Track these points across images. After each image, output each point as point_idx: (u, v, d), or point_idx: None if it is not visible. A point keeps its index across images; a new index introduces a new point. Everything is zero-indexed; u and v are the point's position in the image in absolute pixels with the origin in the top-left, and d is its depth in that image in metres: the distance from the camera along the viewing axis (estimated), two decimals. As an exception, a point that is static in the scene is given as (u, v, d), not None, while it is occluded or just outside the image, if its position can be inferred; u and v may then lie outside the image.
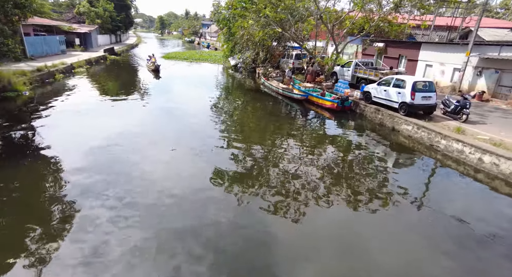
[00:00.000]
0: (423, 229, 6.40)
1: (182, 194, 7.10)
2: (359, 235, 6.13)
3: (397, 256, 5.59)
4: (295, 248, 5.67)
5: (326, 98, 15.92)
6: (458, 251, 5.74)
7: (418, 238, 6.09)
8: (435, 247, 5.79)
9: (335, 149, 10.78)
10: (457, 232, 6.32)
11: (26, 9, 14.59)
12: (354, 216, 6.73)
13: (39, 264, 4.81)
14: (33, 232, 5.51)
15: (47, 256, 4.98)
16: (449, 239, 6.04)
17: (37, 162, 8.41)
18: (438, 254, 5.58)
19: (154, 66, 24.91)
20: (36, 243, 5.24)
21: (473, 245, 5.91)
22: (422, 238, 6.07)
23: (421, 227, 6.50)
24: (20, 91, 14.78)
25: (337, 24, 19.23)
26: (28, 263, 4.81)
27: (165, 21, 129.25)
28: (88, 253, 5.06)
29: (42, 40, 25.49)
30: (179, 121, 12.96)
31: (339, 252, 5.64)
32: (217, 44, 48.39)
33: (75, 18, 42.64)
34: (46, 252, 5.06)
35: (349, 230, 6.28)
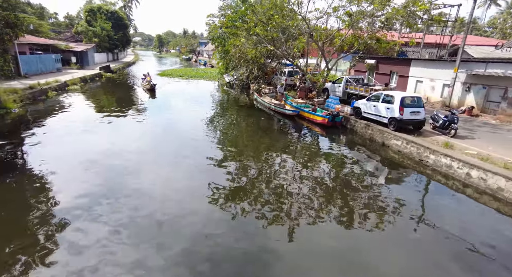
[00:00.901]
0: (417, 245, 6.27)
1: (176, 211, 7.00)
2: (355, 250, 6.04)
3: (395, 273, 5.39)
4: (291, 264, 5.57)
5: (317, 113, 15.99)
6: (454, 267, 5.55)
7: (413, 253, 5.96)
8: (432, 262, 5.61)
9: (327, 164, 10.68)
10: (450, 247, 6.18)
11: (17, 28, 14.84)
12: (348, 232, 6.64)
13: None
14: (19, 253, 5.28)
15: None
16: (444, 254, 5.91)
17: (25, 181, 8.24)
18: (436, 270, 5.39)
19: (150, 85, 23.75)
20: (21, 265, 5.01)
21: (470, 260, 5.76)
22: (417, 254, 5.96)
23: (415, 242, 6.36)
24: (9, 109, 14.74)
25: (328, 41, 19.63)
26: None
27: (164, 39, 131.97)
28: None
29: (37, 58, 25.76)
30: (174, 138, 12.91)
31: (336, 269, 5.52)
32: (213, 62, 49.18)
33: (73, 37, 43.43)
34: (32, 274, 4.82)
35: (344, 247, 6.19)
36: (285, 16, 18.65)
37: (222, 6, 27.43)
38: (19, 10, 16.57)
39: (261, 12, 18.57)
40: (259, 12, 18.59)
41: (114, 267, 5.12)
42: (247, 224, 6.71)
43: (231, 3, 25.89)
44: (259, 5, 19.45)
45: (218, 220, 6.80)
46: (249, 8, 19.47)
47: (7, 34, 13.64)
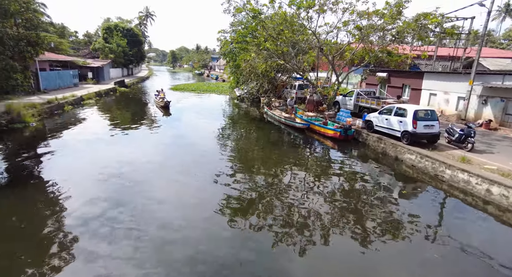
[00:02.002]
0: (436, 264, 5.89)
1: (186, 225, 6.94)
2: (370, 269, 5.75)
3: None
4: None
5: (329, 127, 15.82)
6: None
7: (431, 274, 5.59)
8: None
9: (339, 178, 10.42)
10: (471, 267, 5.81)
11: (38, 47, 15.56)
12: (363, 250, 6.32)
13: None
14: (30, 264, 5.27)
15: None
16: (464, 274, 5.54)
17: (41, 191, 8.40)
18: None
19: (164, 102, 22.35)
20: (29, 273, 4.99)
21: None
22: (436, 274, 5.57)
23: (433, 261, 5.98)
24: (27, 123, 15.24)
25: (338, 55, 19.68)
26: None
27: (177, 55, 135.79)
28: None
29: (56, 74, 26.83)
30: (185, 150, 12.97)
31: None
32: (225, 76, 50.02)
33: (91, 53, 45.20)
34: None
35: (359, 265, 5.91)
36: (295, 31, 18.90)
37: (233, 22, 28.04)
38: (41, 29, 17.38)
39: (271, 27, 18.88)
40: (269, 28, 18.91)
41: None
42: (256, 240, 6.53)
43: (242, 19, 26.45)
44: (269, 21, 19.80)
45: (228, 234, 6.64)
46: (259, 24, 19.84)
47: (28, 52, 14.31)
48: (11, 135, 13.60)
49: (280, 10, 19.23)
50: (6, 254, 5.68)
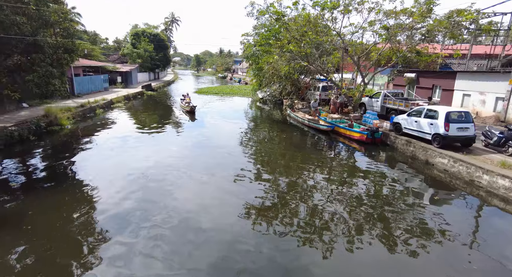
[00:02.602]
0: (470, 275, 5.54)
1: (211, 226, 7.01)
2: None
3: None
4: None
5: (355, 129, 15.44)
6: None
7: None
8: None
9: (366, 182, 10.09)
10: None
11: (74, 53, 16.52)
12: (390, 258, 6.11)
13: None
14: (63, 260, 5.58)
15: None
16: None
17: (73, 190, 8.86)
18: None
19: (190, 107, 22.03)
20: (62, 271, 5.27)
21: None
22: None
23: (471, 273, 5.63)
24: (63, 125, 16.16)
25: (363, 56, 19.19)
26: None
27: (201, 59, 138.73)
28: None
29: (88, 79, 28.31)
30: (209, 152, 13.15)
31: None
32: (247, 79, 50.40)
33: (120, 58, 47.29)
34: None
35: (386, 271, 5.69)
36: (319, 32, 18.67)
37: (256, 25, 28.22)
38: (76, 37, 18.46)
39: (295, 29, 18.78)
40: (292, 30, 18.82)
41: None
42: (279, 243, 6.45)
43: (265, 22, 26.54)
44: (293, 23, 19.70)
45: (250, 237, 6.62)
46: (282, 26, 19.79)
47: (65, 59, 15.26)
48: (49, 137, 14.48)
49: (304, 11, 19.10)
50: (43, 248, 6.02)
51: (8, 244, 6.09)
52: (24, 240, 6.27)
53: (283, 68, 20.64)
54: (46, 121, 15.33)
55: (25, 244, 6.12)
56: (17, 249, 5.93)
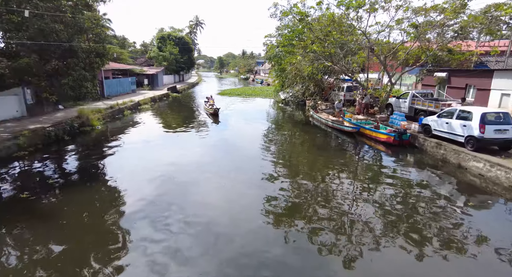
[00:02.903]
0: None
1: (232, 228, 7.06)
2: None
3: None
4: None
5: (381, 131, 14.97)
6: None
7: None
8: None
9: (393, 186, 9.74)
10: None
11: (105, 57, 17.36)
12: (417, 263, 5.85)
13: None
14: (93, 254, 5.88)
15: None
16: None
17: (103, 188, 9.29)
18: None
19: (213, 109, 21.79)
20: (88, 265, 5.54)
21: None
22: None
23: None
24: (94, 126, 16.99)
25: (390, 55, 18.58)
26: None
27: (224, 61, 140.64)
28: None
29: (117, 81, 29.59)
30: (232, 154, 13.27)
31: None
32: (270, 80, 50.42)
33: (147, 61, 48.99)
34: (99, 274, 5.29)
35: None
36: (344, 31, 18.31)
37: (280, 26, 28.18)
38: (107, 42, 19.41)
39: (318, 29, 18.54)
40: (316, 30, 18.60)
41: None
42: (302, 246, 6.37)
43: (288, 23, 26.44)
44: (316, 23, 19.47)
45: (273, 239, 6.59)
46: (306, 27, 19.62)
47: (96, 63, 16.09)
48: (81, 137, 15.27)
49: (328, 11, 18.82)
50: (76, 242, 6.35)
51: (48, 237, 6.47)
52: (60, 233, 6.65)
53: (306, 68, 20.44)
54: (79, 122, 16.19)
55: (61, 238, 6.48)
56: (54, 242, 6.30)
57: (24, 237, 6.51)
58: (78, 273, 5.40)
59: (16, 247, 6.12)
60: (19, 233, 6.64)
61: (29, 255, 5.88)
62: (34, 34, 12.48)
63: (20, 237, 6.49)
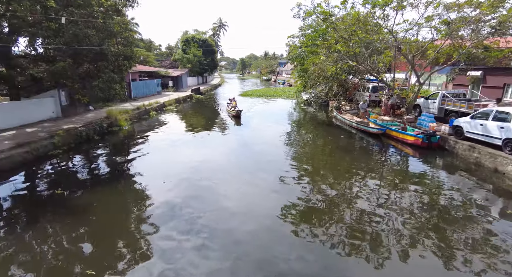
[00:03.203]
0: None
1: (253, 229, 7.04)
2: None
3: None
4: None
5: (408, 132, 14.39)
6: None
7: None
8: None
9: (420, 190, 9.32)
10: None
11: (132, 60, 18.07)
12: (448, 273, 5.52)
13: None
14: (115, 248, 6.12)
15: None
16: None
17: (129, 185, 9.66)
18: None
19: (236, 111, 21.68)
20: (114, 260, 5.77)
21: None
22: None
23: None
24: (122, 126, 17.69)
25: (419, 54, 17.82)
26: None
27: (246, 62, 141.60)
28: None
29: (144, 83, 30.66)
30: (253, 155, 13.27)
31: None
32: (292, 81, 50.09)
33: (172, 64, 50.38)
34: (120, 272, 5.49)
35: None
36: (369, 30, 17.82)
37: (303, 26, 27.93)
38: (134, 45, 20.20)
39: (343, 28, 18.17)
40: (340, 29, 18.24)
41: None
42: (323, 249, 6.24)
43: (312, 23, 26.13)
44: (341, 22, 19.08)
45: (293, 242, 6.51)
46: (330, 26, 19.29)
47: (124, 65, 16.79)
48: (110, 137, 15.95)
49: (353, 10, 18.39)
50: (103, 237, 6.62)
51: (79, 231, 6.80)
52: (89, 228, 6.96)
53: (330, 68, 20.09)
54: (107, 123, 16.93)
55: (90, 232, 6.78)
56: (84, 236, 6.61)
57: (58, 230, 6.88)
58: (103, 265, 5.62)
59: (52, 239, 6.49)
60: (54, 226, 7.03)
61: (61, 246, 6.20)
62: (69, 40, 13.22)
63: (55, 230, 6.87)
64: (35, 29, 13.70)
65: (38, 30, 13.61)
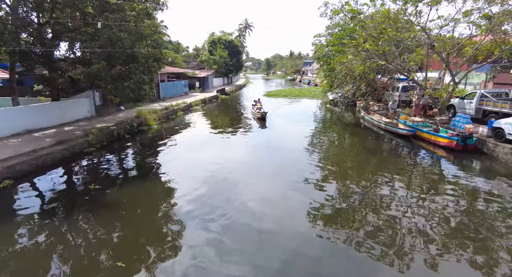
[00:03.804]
0: None
1: (277, 229, 7.00)
2: None
3: None
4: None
5: (441, 134, 13.66)
6: None
7: None
8: None
9: (454, 195, 8.80)
10: None
11: (161, 62, 18.70)
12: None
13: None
14: (146, 243, 6.37)
15: (148, 274, 5.59)
16: None
17: (156, 183, 10.01)
18: None
19: (261, 113, 20.96)
20: (142, 254, 6.01)
21: None
22: None
23: None
24: (151, 126, 18.37)
25: (454, 51, 16.84)
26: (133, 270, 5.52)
27: (271, 62, 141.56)
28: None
29: (172, 84, 31.63)
30: (277, 156, 13.17)
31: None
32: (317, 80, 49.34)
33: (198, 65, 51.56)
34: (147, 270, 5.70)
35: None
36: (400, 28, 17.13)
37: (330, 25, 27.43)
38: (163, 47, 20.91)
39: (372, 26, 17.62)
40: (369, 27, 17.69)
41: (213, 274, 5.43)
42: (349, 253, 6.07)
43: (339, 22, 25.58)
44: (370, 20, 18.51)
45: (317, 244, 6.40)
46: (358, 24, 18.77)
47: (154, 67, 17.43)
48: (139, 136, 16.62)
49: (383, 7, 17.77)
50: (132, 231, 6.90)
51: (109, 224, 7.16)
52: (119, 222, 7.30)
53: (358, 67, 19.55)
54: (137, 122, 17.65)
55: (120, 226, 7.11)
56: (114, 229, 6.94)
57: (91, 223, 7.28)
58: (132, 258, 5.87)
59: (85, 231, 6.87)
60: (87, 219, 7.45)
61: (94, 238, 6.55)
62: (104, 43, 13.96)
63: (89, 223, 7.27)
64: (74, 34, 14.61)
65: (77, 35, 14.51)
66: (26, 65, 15.95)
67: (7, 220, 7.44)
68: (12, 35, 12.68)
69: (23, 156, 10.62)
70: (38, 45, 14.18)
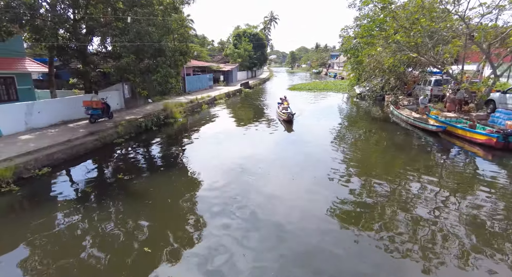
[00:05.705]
0: None
1: (299, 225, 6.95)
2: None
3: None
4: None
5: (478, 131, 12.82)
6: None
7: None
8: None
9: (492, 197, 8.25)
10: None
11: (187, 56, 19.03)
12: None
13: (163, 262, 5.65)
14: (170, 233, 6.61)
15: (173, 260, 5.80)
16: None
17: (181, 175, 10.26)
18: None
19: (287, 115, 17.99)
20: (167, 241, 6.23)
21: None
22: None
23: None
24: (176, 118, 18.83)
25: (497, 42, 15.60)
26: (157, 260, 5.74)
27: (296, 55, 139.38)
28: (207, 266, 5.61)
29: (197, 78, 32.12)
30: (302, 150, 13.01)
31: None
32: (344, 74, 47.98)
33: (223, 58, 51.86)
34: (171, 256, 5.91)
35: None
36: (435, 18, 16.13)
37: (359, 16, 26.41)
38: (189, 41, 21.27)
39: (404, 17, 16.73)
40: (401, 18, 16.82)
41: (237, 268, 5.50)
42: (373, 250, 5.91)
43: (368, 12, 24.56)
44: (401, 10, 17.58)
45: (341, 240, 6.29)
46: (388, 15, 17.91)
47: (180, 61, 17.79)
48: (166, 128, 17.11)
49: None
50: (158, 220, 7.16)
51: (137, 213, 7.48)
52: (146, 212, 7.59)
53: (387, 60, 18.73)
54: (164, 115, 18.15)
55: (147, 215, 7.40)
56: (141, 218, 7.23)
57: (120, 211, 7.64)
58: (159, 244, 6.09)
59: (114, 218, 7.24)
60: (117, 207, 7.83)
61: (122, 225, 6.88)
62: (133, 37, 14.42)
63: (117, 210, 7.64)
64: (105, 29, 15.21)
65: (108, 30, 15.10)
66: (63, 60, 16.88)
67: (46, 205, 8.01)
68: (51, 31, 13.43)
69: (60, 145, 11.31)
70: (74, 40, 14.94)
